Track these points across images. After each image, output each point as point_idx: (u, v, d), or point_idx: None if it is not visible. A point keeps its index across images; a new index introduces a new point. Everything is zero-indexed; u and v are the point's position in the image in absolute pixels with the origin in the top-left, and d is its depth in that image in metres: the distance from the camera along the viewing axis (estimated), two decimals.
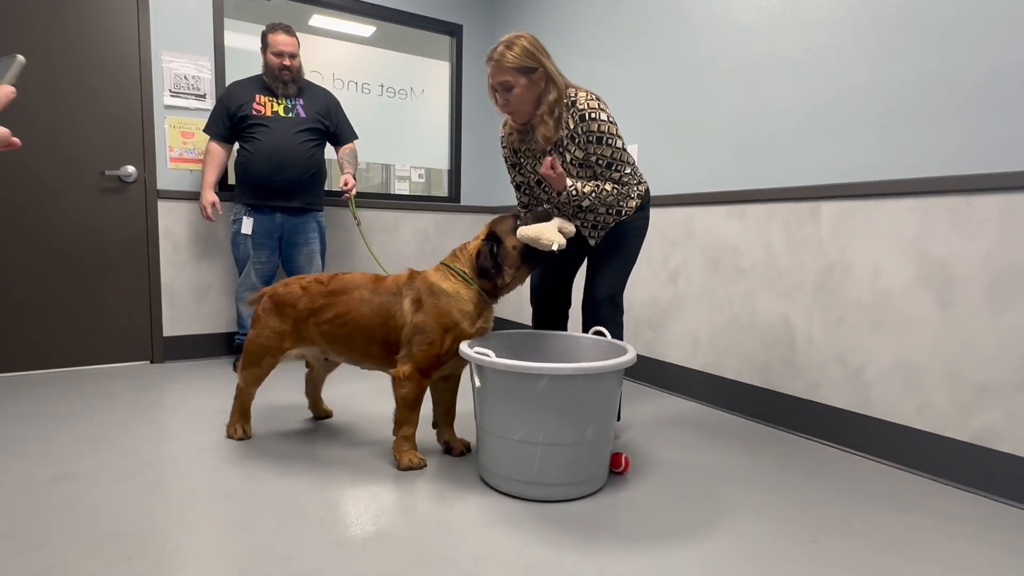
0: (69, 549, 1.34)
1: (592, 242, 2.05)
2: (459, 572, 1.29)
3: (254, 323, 2.02)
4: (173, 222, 3.18)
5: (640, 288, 3.02)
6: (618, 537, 1.46)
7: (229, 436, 2.06)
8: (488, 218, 4.05)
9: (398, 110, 3.89)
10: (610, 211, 1.98)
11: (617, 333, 2.00)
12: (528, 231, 1.77)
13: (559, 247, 1.73)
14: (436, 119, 4.06)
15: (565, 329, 2.21)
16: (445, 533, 1.45)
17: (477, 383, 1.65)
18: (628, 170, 1.91)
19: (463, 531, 1.47)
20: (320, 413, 2.32)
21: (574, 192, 1.86)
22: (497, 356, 1.58)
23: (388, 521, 1.51)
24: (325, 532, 1.44)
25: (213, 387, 2.71)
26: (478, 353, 1.61)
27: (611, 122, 1.85)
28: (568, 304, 2.23)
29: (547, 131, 1.86)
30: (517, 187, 2.12)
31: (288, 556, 1.33)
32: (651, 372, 2.94)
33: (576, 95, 1.86)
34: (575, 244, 2.09)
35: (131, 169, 3.05)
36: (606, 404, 1.65)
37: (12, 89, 0.52)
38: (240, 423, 2.08)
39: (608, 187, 1.89)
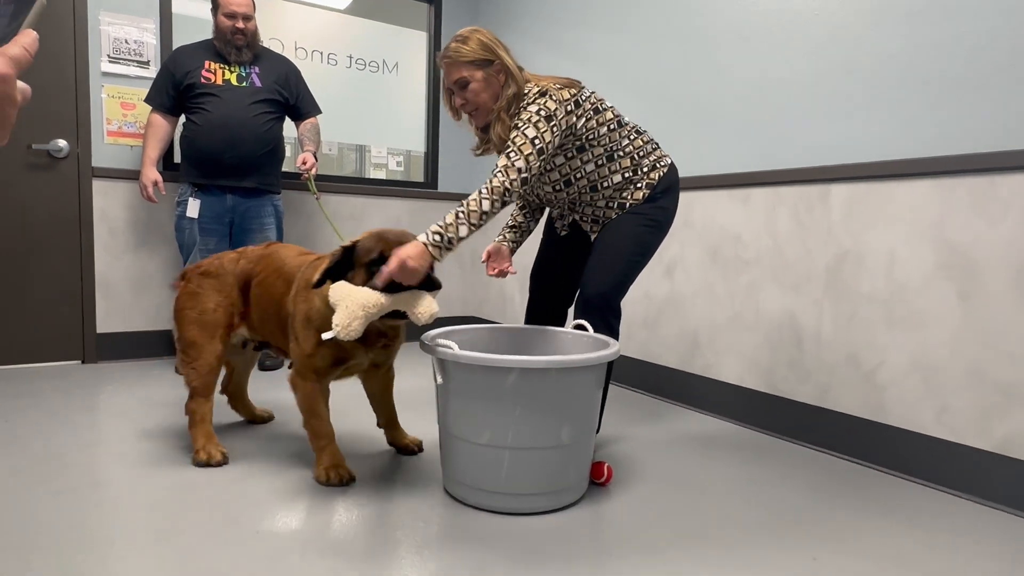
0: None
1: (593, 237, 2.01)
2: None
3: (185, 306, 1.90)
4: (109, 204, 3.12)
5: (633, 284, 2.98)
6: (596, 553, 1.42)
7: (201, 463, 1.82)
8: None
9: (368, 85, 3.86)
10: (611, 203, 1.94)
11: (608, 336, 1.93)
12: (335, 294, 1.52)
13: (333, 336, 1.50)
14: (411, 95, 4.02)
15: (562, 325, 2.16)
16: (396, 548, 1.41)
17: (439, 379, 1.61)
18: (516, 159, 1.68)
19: (417, 546, 1.42)
20: (254, 418, 2.25)
21: (436, 240, 1.60)
22: (460, 349, 1.54)
23: (333, 535, 1.46)
24: (260, 545, 1.39)
25: (150, 390, 2.65)
26: (440, 346, 1.57)
27: (537, 112, 1.72)
28: (570, 300, 2.17)
29: (503, 131, 1.81)
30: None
31: (216, 570, 1.28)
32: (645, 377, 2.91)
33: (530, 90, 1.80)
34: (582, 235, 2.07)
35: (62, 143, 2.99)
36: (585, 404, 1.61)
37: (35, 35, 0.49)
38: (209, 444, 1.85)
39: (472, 194, 1.67)
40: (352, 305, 1.49)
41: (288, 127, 3.12)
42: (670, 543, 1.48)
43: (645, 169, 1.93)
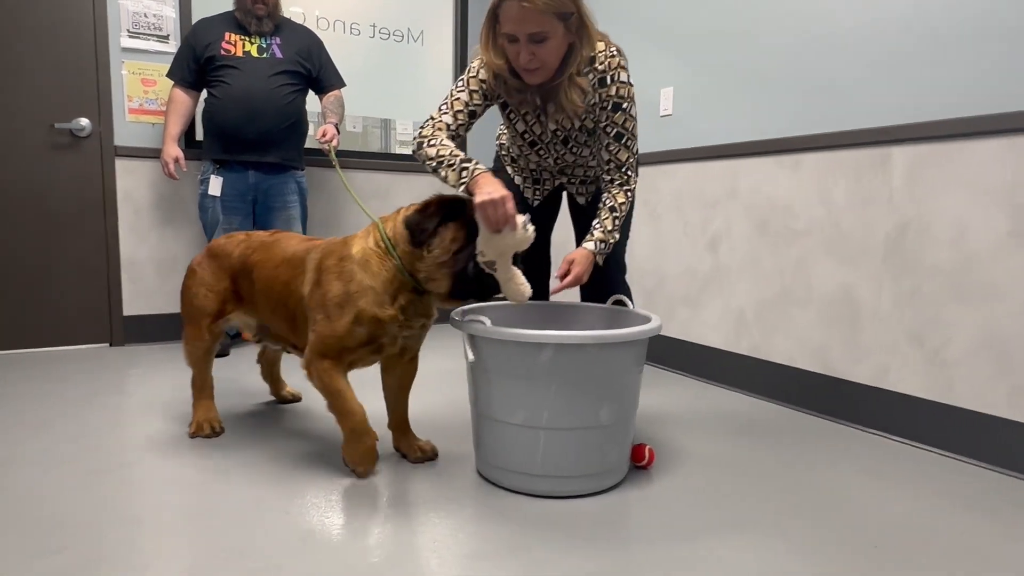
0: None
1: (582, 200, 2.04)
2: (446, 572, 1.26)
3: (184, 286, 1.96)
4: (133, 184, 3.20)
5: (673, 259, 2.95)
6: (638, 538, 1.41)
7: (193, 435, 1.96)
8: None
9: (393, 55, 3.85)
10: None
11: (625, 294, 1.93)
12: (491, 243, 1.54)
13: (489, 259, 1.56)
14: (437, 66, 4.01)
15: (547, 299, 2.14)
16: (430, 530, 1.43)
17: (470, 357, 1.61)
18: (636, 147, 1.82)
19: (451, 528, 1.44)
20: (284, 397, 2.30)
21: (603, 248, 1.79)
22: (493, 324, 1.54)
23: (364, 516, 1.49)
24: (288, 527, 1.43)
25: (177, 372, 2.72)
26: (471, 321, 1.57)
27: (631, 84, 1.75)
28: (548, 270, 2.17)
29: (577, 97, 1.70)
30: (470, 114, 1.77)
31: (243, 551, 1.32)
32: (687, 357, 2.88)
33: (594, 47, 1.73)
34: (551, 200, 2.10)
35: (84, 122, 3.07)
36: (625, 381, 1.60)
37: None
38: (203, 418, 1.99)
39: (620, 198, 1.81)
40: (498, 241, 1.54)
41: (311, 101, 3.14)
42: (716, 529, 1.47)
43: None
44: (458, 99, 1.76)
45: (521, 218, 1.54)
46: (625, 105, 1.74)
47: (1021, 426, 1.81)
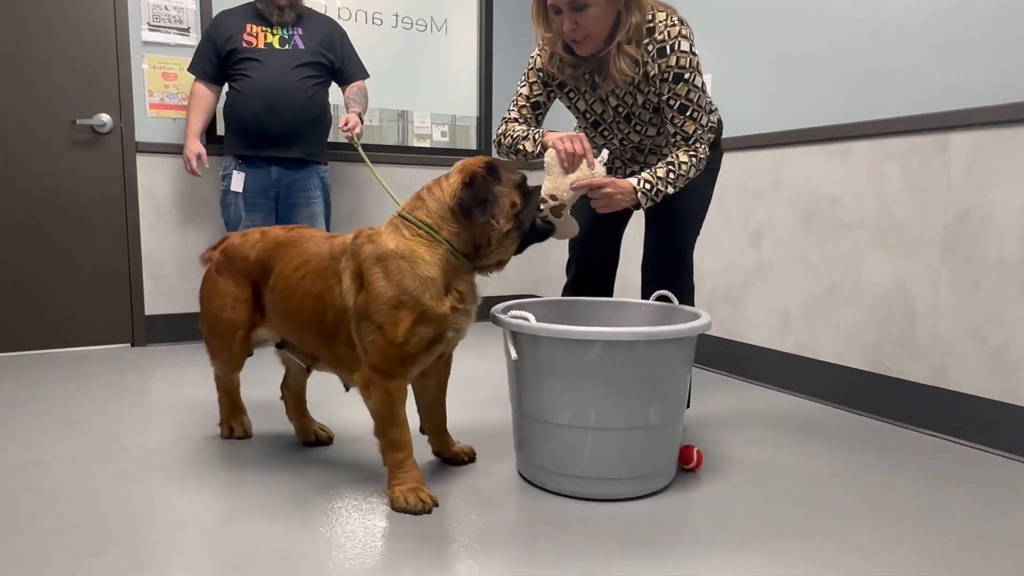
0: (39, 539, 1.36)
1: None
2: (491, 573, 1.25)
3: (204, 295, 1.85)
4: (155, 180, 3.24)
5: (713, 253, 2.92)
6: (687, 542, 1.39)
7: (224, 437, 1.97)
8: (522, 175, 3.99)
9: (417, 45, 3.86)
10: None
11: (688, 298, 1.94)
12: (562, 183, 1.67)
13: (559, 203, 1.67)
14: (462, 56, 4.01)
15: (611, 295, 2.14)
16: (473, 532, 1.42)
17: (513, 355, 1.60)
18: (706, 120, 1.78)
19: (495, 531, 1.43)
20: (311, 437, 1.95)
21: (647, 188, 1.70)
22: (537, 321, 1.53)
23: (405, 518, 1.48)
24: (327, 529, 1.43)
25: (201, 372, 2.74)
26: (514, 317, 1.56)
27: (694, 53, 1.73)
28: (615, 267, 2.16)
29: (626, 66, 1.70)
30: (533, 106, 1.90)
31: (285, 555, 1.32)
32: (729, 356, 2.85)
33: (654, 17, 1.72)
34: None
35: (105, 118, 3.11)
36: (674, 380, 1.58)
37: None
38: (233, 419, 1.98)
39: (683, 156, 1.75)
40: (559, 177, 1.67)
41: (334, 94, 3.15)
42: (768, 535, 1.44)
43: (710, 110, 1.89)
44: (520, 94, 1.92)
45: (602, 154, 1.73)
46: (688, 75, 1.71)
47: None
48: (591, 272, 2.13)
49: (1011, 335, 1.94)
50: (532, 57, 1.90)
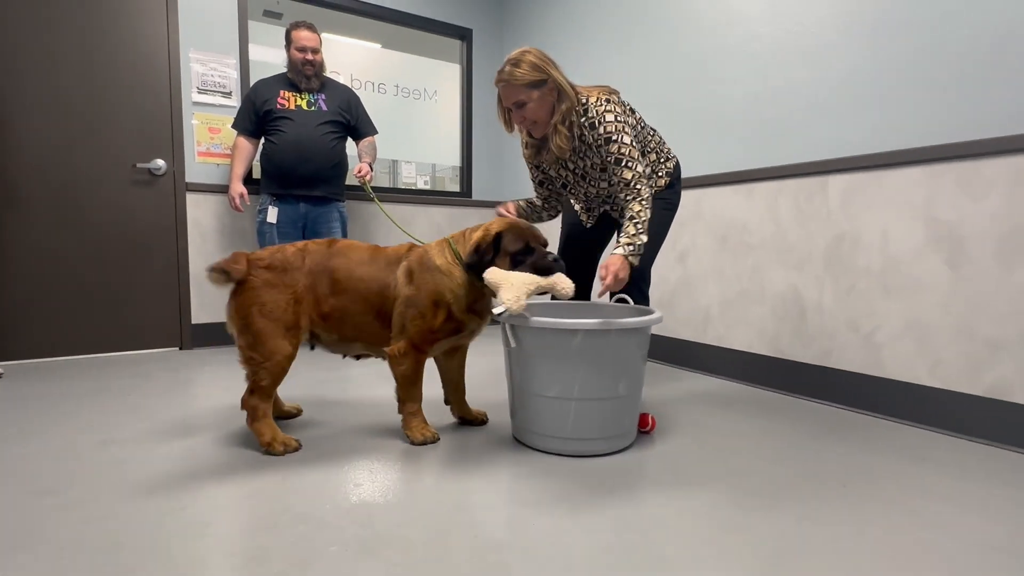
0: (123, 503, 1.30)
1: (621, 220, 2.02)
2: (504, 516, 1.25)
3: (253, 302, 1.57)
4: (200, 213, 3.15)
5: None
6: (651, 485, 1.43)
7: (278, 454, 1.59)
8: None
9: (412, 109, 3.88)
10: None
11: (645, 303, 1.98)
12: (494, 277, 1.53)
13: (504, 310, 1.49)
14: (448, 118, 4.05)
15: (589, 299, 2.17)
16: (486, 485, 1.42)
17: (512, 344, 1.62)
18: (640, 168, 1.75)
19: (503, 482, 1.43)
20: (284, 413, 1.91)
21: (632, 251, 1.68)
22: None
23: (430, 479, 1.47)
24: (355, 495, 1.41)
25: (240, 370, 2.67)
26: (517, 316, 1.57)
27: (619, 121, 1.75)
28: (592, 283, 2.18)
29: (561, 141, 1.78)
30: (539, 184, 2.04)
31: (320, 519, 1.30)
32: (664, 349, 2.91)
33: (587, 100, 1.77)
34: (604, 220, 2.08)
35: (161, 162, 3.02)
36: (637, 360, 1.62)
37: None
38: (279, 435, 1.63)
39: (636, 207, 1.71)
40: (517, 284, 1.51)
41: (350, 146, 3.14)
42: (709, 477, 1.49)
43: (663, 160, 1.97)
44: (531, 177, 2.07)
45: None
46: (615, 137, 1.74)
47: (939, 391, 1.88)
48: (572, 277, 2.14)
49: (876, 325, 2.05)
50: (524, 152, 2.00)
